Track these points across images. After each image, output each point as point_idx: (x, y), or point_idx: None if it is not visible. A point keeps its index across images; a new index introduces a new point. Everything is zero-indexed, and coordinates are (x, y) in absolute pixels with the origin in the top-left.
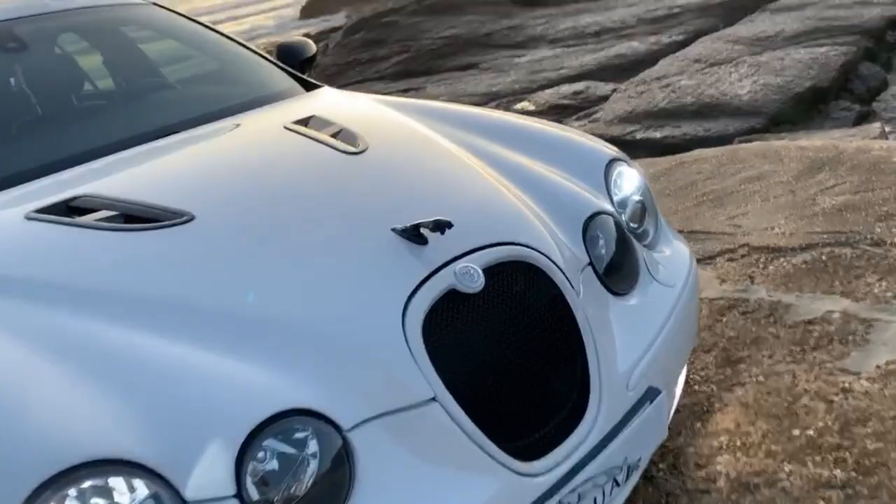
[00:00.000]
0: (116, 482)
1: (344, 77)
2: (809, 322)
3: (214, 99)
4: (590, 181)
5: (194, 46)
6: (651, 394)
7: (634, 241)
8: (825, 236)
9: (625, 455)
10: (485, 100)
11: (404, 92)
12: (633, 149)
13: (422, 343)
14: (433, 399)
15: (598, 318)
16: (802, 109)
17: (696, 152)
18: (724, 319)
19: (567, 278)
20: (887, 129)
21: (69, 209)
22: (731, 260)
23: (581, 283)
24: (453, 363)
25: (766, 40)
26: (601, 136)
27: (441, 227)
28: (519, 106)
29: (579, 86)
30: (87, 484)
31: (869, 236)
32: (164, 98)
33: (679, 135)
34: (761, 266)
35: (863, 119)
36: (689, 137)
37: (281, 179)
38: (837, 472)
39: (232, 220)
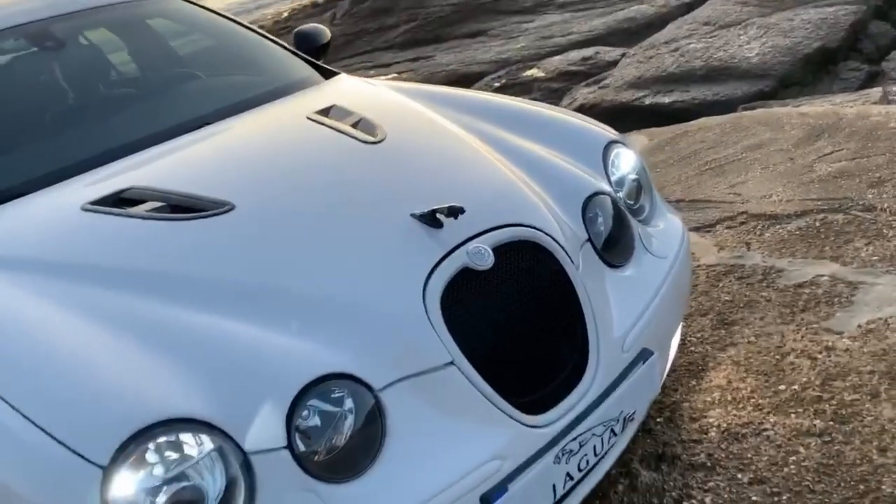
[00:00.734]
0: (186, 437)
1: (352, 47)
2: (799, 286)
3: (241, 90)
4: (589, 162)
5: (219, 38)
6: (644, 354)
7: (630, 218)
8: (819, 203)
9: (620, 409)
10: (494, 67)
11: (413, 61)
12: (642, 114)
13: (440, 315)
14: (451, 363)
15: (596, 289)
16: (811, 71)
17: (701, 121)
18: (721, 284)
19: (568, 255)
20: (893, 89)
21: (120, 201)
22: (729, 227)
23: (580, 258)
24: (468, 331)
25: (776, 1)
26: (610, 103)
27: (454, 212)
28: (528, 73)
29: (588, 51)
30: (162, 440)
31: (861, 202)
32: (195, 90)
33: (688, 99)
34: (758, 233)
35: (871, 80)
36: (697, 102)
37: (308, 169)
38: (817, 421)
39: (267, 208)
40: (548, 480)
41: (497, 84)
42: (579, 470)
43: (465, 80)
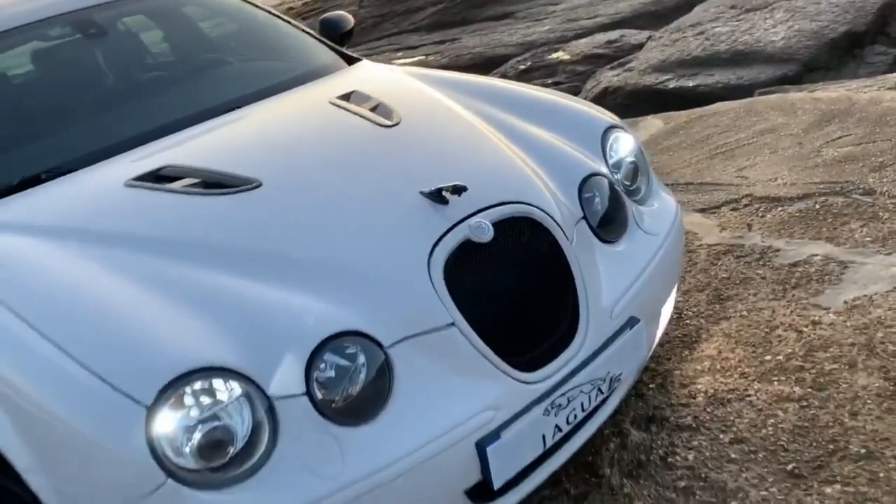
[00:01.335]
0: (218, 383)
1: (379, 29)
2: (794, 264)
3: (270, 75)
4: (588, 146)
5: (249, 26)
6: (631, 322)
7: (625, 197)
8: (822, 186)
9: (607, 370)
10: (520, 50)
11: (440, 44)
12: (666, 98)
13: (443, 281)
14: (452, 324)
15: (588, 262)
16: (837, 55)
17: (716, 105)
18: (720, 263)
19: (562, 230)
20: None
21: (159, 177)
22: (734, 209)
23: (575, 233)
24: (468, 297)
25: None
26: (634, 86)
27: (458, 190)
28: (554, 56)
29: (614, 34)
30: (197, 385)
31: (862, 186)
32: (227, 75)
33: (712, 83)
34: (760, 215)
35: None
36: (721, 86)
37: (329, 150)
38: (796, 388)
39: (291, 185)
40: (538, 430)
41: (522, 67)
42: (567, 423)
43: (490, 63)
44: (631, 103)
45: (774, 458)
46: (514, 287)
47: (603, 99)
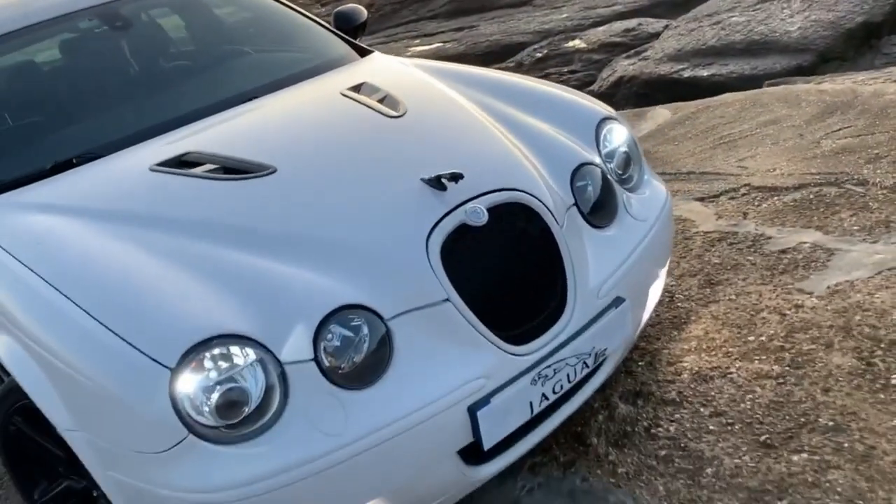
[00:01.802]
0: (235, 349)
1: (398, 16)
2: (783, 251)
3: (286, 67)
4: (582, 136)
5: (266, 17)
6: (617, 301)
7: (616, 186)
8: (818, 177)
9: (593, 345)
10: (537, 38)
11: (457, 31)
12: (680, 87)
13: (440, 261)
14: (447, 300)
15: (577, 245)
16: (853, 46)
17: (723, 96)
18: (713, 249)
19: (553, 215)
20: None
21: (182, 163)
22: (732, 198)
23: (565, 219)
24: (463, 276)
25: None
26: (649, 75)
27: (456, 177)
28: (570, 44)
29: (631, 23)
30: (215, 351)
31: (856, 177)
32: (246, 67)
33: (726, 73)
34: (756, 204)
35: None
36: (735, 76)
37: (338, 139)
38: (775, 367)
39: (303, 171)
40: (525, 398)
41: (539, 55)
42: (554, 392)
43: (507, 51)
44: (646, 92)
45: (749, 429)
46: (506, 268)
47: (618, 88)
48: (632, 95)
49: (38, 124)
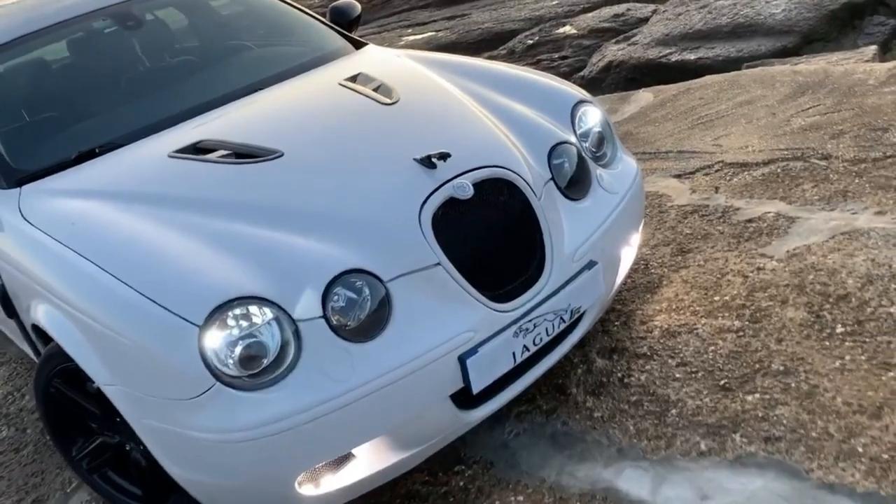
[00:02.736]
0: (253, 309)
1: (390, 6)
2: (749, 220)
3: (287, 60)
4: (559, 118)
5: (268, 15)
6: (590, 264)
7: (590, 162)
8: (786, 152)
9: (568, 303)
10: (528, 25)
11: (449, 20)
12: (668, 71)
13: (431, 230)
14: (438, 264)
15: (554, 215)
16: (836, 26)
17: (703, 79)
18: (686, 221)
19: (532, 189)
20: None
21: (197, 149)
22: (706, 174)
23: (543, 192)
24: (452, 243)
25: None
26: (638, 60)
27: (444, 156)
28: (561, 31)
29: (620, 8)
30: (237, 310)
31: (820, 151)
32: (250, 61)
33: (712, 56)
34: (728, 179)
35: None
36: (721, 59)
37: (338, 125)
38: (736, 322)
39: (307, 154)
40: (508, 348)
41: (530, 42)
42: (534, 344)
43: (498, 38)
44: (634, 77)
45: (710, 376)
46: (490, 235)
47: (607, 73)
48: (621, 80)
49: (61, 118)
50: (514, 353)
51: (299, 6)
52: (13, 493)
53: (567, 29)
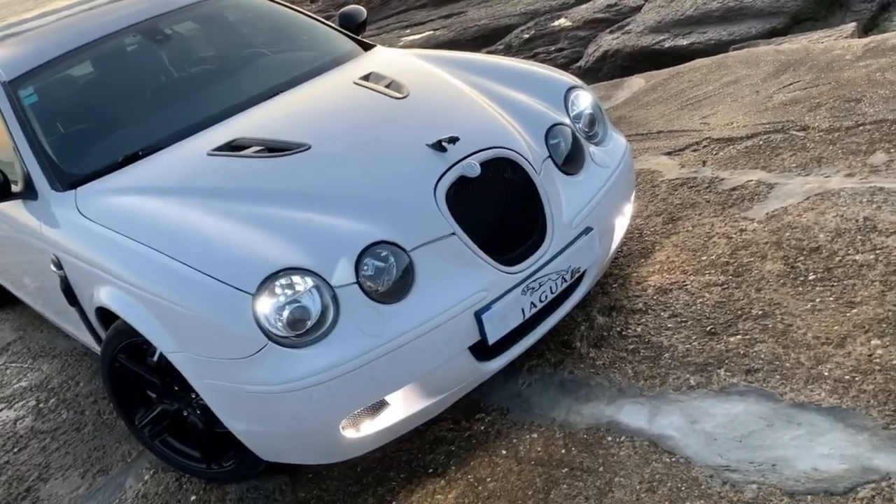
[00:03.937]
0: (297, 278)
1: (388, 8)
2: (733, 189)
3: (305, 63)
4: (553, 102)
5: (282, 23)
6: (587, 230)
7: (584, 141)
8: (767, 126)
9: (569, 264)
10: (524, 19)
11: (446, 18)
12: (663, 57)
13: (445, 205)
14: (453, 234)
15: (553, 189)
16: (824, 5)
17: (692, 63)
18: (676, 193)
19: (532, 166)
20: None
21: (233, 147)
22: (694, 150)
23: (542, 168)
24: (465, 215)
25: None
26: (632, 48)
27: (453, 140)
28: (556, 23)
29: None
30: (283, 280)
31: (799, 123)
32: (271, 66)
33: (704, 40)
34: (714, 153)
35: (883, 10)
36: (713, 42)
37: (357, 119)
38: (721, 277)
39: (332, 145)
40: (518, 305)
41: (526, 36)
42: (540, 301)
43: (495, 34)
44: (630, 65)
45: (698, 324)
46: (498, 208)
47: (603, 62)
48: (617, 68)
49: (103, 127)
50: (522, 309)
51: (312, 15)
52: (79, 466)
53: (562, 21)
